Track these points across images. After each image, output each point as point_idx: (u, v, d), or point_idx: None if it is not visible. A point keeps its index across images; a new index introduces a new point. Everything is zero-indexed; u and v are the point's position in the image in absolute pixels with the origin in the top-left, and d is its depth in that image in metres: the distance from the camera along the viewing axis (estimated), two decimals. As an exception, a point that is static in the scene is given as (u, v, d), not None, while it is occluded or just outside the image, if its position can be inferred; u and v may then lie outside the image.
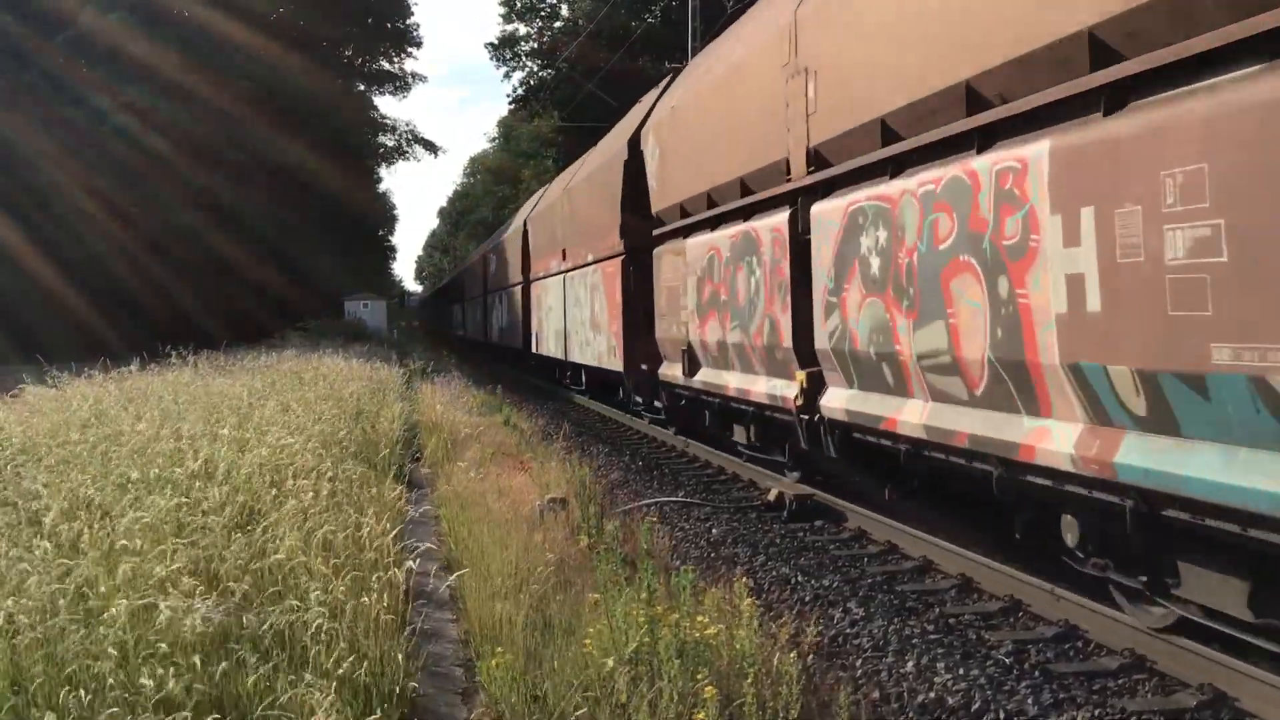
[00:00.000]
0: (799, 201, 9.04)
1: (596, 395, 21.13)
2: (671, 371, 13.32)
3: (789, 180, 9.23)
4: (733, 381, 11.02)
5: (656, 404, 15.47)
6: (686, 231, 12.50)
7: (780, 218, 9.43)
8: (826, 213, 8.34)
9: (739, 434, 11.85)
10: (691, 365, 12.47)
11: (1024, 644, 5.95)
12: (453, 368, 27.31)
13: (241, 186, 39.85)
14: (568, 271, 20.36)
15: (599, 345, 17.42)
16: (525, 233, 27.01)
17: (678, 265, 12.71)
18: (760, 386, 10.16)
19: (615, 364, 16.20)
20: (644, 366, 15.07)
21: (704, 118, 11.86)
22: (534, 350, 25.57)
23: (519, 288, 27.60)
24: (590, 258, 18.02)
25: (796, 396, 9.01)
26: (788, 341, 9.28)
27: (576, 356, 19.88)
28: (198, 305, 36.30)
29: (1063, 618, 6.21)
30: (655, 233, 13.91)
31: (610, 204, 16.32)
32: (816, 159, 8.71)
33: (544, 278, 23.62)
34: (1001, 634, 6.17)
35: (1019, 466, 6.03)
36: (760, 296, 9.96)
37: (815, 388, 8.79)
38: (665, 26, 47.42)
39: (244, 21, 39.91)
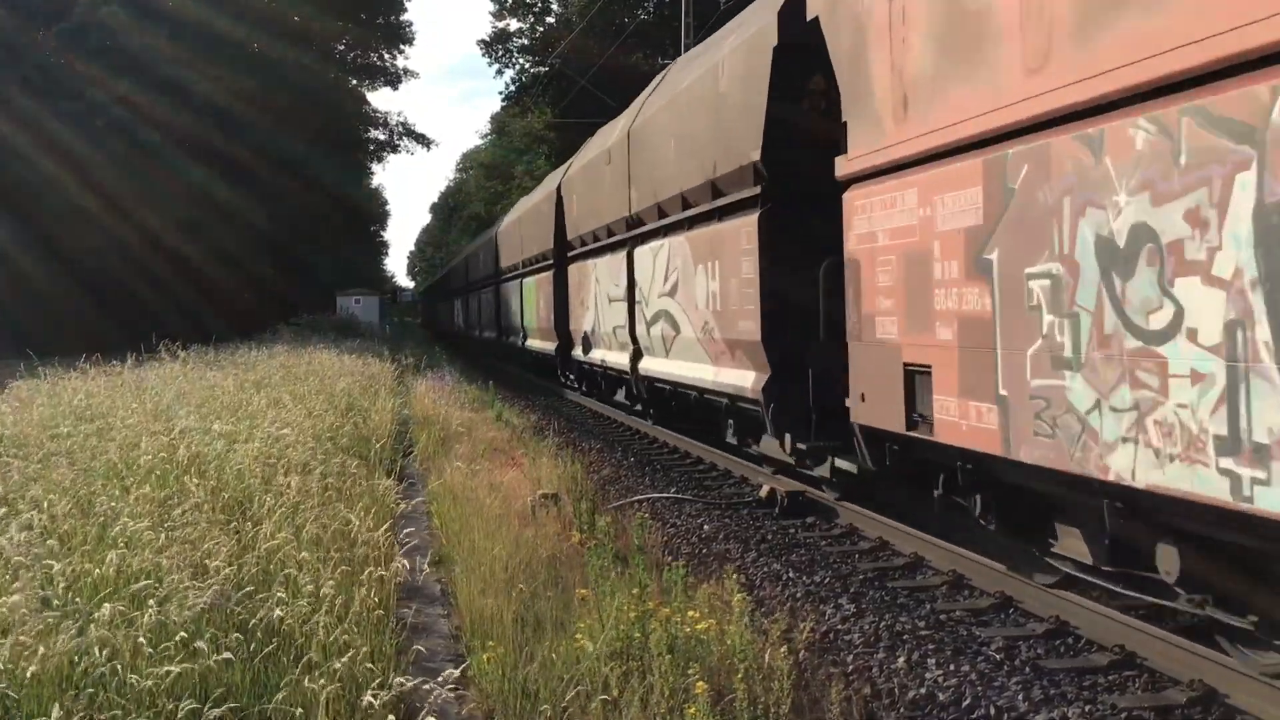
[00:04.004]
0: None
1: (668, 421, 14.71)
2: (890, 412, 7.06)
3: None
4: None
5: (800, 447, 9.18)
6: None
7: None
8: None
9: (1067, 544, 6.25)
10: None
11: (1014, 640, 5.95)
12: (445, 363, 27.27)
13: (233, 180, 39.80)
14: (638, 243, 14.29)
15: (711, 353, 11.21)
16: (559, 200, 20.65)
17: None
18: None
19: (744, 382, 10.11)
20: (803, 394, 8.96)
21: None
22: (574, 355, 19.72)
23: (549, 271, 21.68)
24: (688, 214, 11.81)
25: None
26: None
27: (657, 368, 13.71)
28: (188, 299, 36.26)
29: (1053, 614, 6.21)
30: (850, 158, 7.55)
31: (745, 121, 9.59)
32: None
33: (593, 255, 17.43)
34: (992, 630, 6.18)
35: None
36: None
37: None
38: (658, 22, 47.48)
39: (236, 14, 39.85)
